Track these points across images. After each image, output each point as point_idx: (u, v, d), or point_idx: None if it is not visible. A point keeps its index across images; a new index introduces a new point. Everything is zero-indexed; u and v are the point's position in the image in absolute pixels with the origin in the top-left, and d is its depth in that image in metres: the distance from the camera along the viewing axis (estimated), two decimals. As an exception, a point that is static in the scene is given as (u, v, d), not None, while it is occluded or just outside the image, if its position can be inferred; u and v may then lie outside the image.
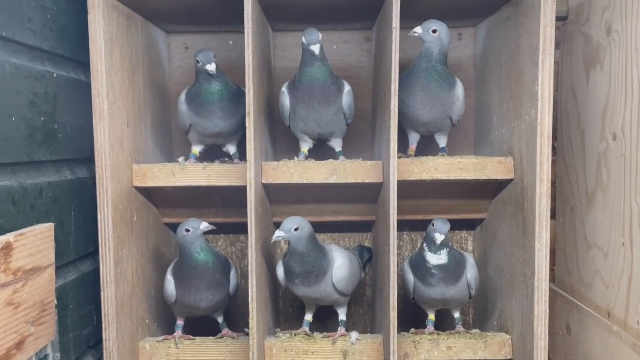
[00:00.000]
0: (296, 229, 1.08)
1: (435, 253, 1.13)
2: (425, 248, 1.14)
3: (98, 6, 0.99)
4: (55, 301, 0.95)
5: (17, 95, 0.88)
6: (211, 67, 1.11)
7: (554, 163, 1.30)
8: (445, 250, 1.13)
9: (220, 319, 1.23)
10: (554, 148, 1.32)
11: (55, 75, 0.99)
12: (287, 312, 1.46)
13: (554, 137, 1.35)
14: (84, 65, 1.07)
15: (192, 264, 1.13)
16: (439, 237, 1.09)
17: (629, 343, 1.03)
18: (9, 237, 0.80)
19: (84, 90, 1.05)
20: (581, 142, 1.25)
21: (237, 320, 1.43)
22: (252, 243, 1.06)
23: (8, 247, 0.79)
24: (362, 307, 1.46)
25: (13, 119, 0.86)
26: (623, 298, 1.06)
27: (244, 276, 1.42)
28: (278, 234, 1.08)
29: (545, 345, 1.04)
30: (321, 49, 1.09)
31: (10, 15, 0.86)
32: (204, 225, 1.13)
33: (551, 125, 1.02)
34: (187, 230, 1.12)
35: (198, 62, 1.12)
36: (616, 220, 1.09)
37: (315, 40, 1.08)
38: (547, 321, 1.04)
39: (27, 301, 0.84)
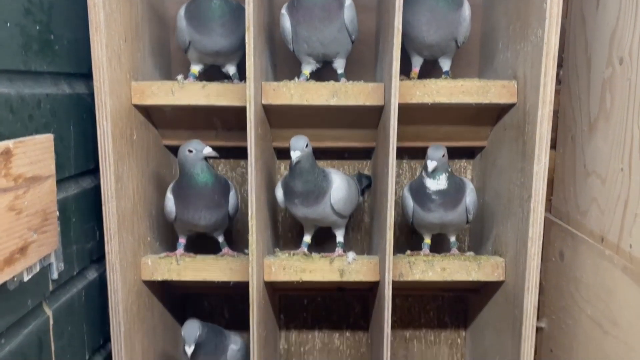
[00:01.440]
0: (307, 146, 1.08)
1: (434, 179, 1.14)
2: (424, 175, 1.15)
3: None
4: (57, 213, 0.97)
5: (11, 1, 0.85)
6: None
7: (557, 93, 1.28)
8: (444, 175, 1.14)
9: (220, 239, 1.25)
10: (557, 77, 1.30)
11: (49, -17, 0.96)
12: (286, 237, 1.48)
13: (560, 66, 1.33)
14: (80, -24, 1.03)
15: (191, 184, 1.13)
16: (431, 165, 1.10)
17: (620, 266, 1.05)
18: (9, 143, 0.80)
19: (80, 4, 1.02)
20: (587, 69, 1.23)
21: (237, 244, 1.46)
22: (252, 162, 1.06)
23: (8, 152, 0.79)
24: (359, 233, 1.49)
25: (8, 24, 0.84)
26: (618, 222, 1.07)
27: (244, 201, 1.43)
28: (295, 154, 1.07)
29: (538, 266, 1.07)
30: None
31: None
32: (207, 151, 1.12)
33: (557, 46, 0.99)
34: (190, 152, 1.12)
35: None
36: (616, 147, 1.09)
37: None
38: (540, 243, 1.06)
39: (29, 208, 0.85)
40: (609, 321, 1.08)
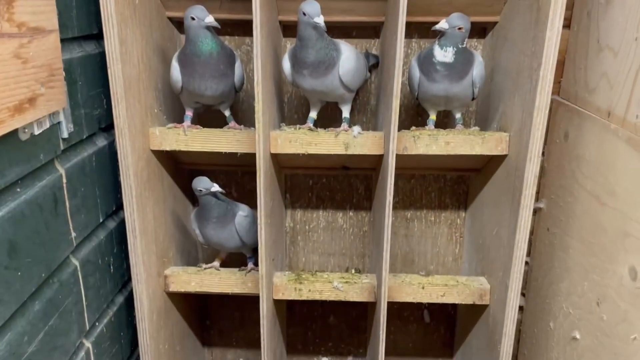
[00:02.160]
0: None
1: (442, 48, 1.12)
2: (435, 43, 1.12)
3: None
4: (64, 73, 0.96)
5: None
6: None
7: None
8: (451, 48, 1.12)
9: (227, 113, 1.26)
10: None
11: None
12: (291, 118, 1.49)
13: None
14: None
15: (196, 52, 1.12)
16: (440, 24, 1.08)
17: (624, 138, 1.05)
18: (9, -12, 0.78)
19: None
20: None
21: (244, 122, 1.47)
22: (257, 25, 1.04)
23: (9, -4, 0.78)
24: (365, 115, 1.49)
25: None
26: (626, 94, 1.06)
27: (250, 81, 1.42)
28: (321, 19, 1.05)
29: (542, 136, 1.07)
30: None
31: None
32: (209, 19, 1.10)
33: None
34: (193, 19, 1.10)
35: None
36: (633, 17, 1.05)
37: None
38: (547, 112, 1.06)
39: (34, 59, 0.85)
40: (607, 192, 1.10)
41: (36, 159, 0.91)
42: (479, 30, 1.37)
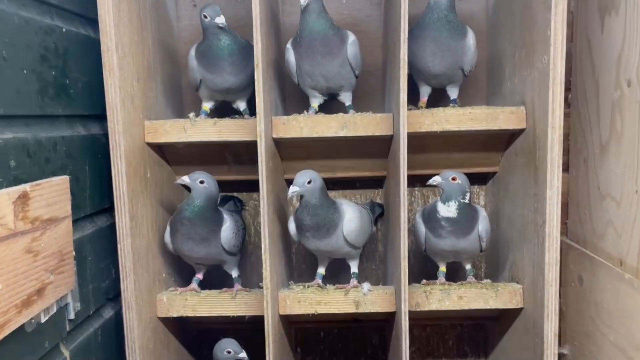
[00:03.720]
0: (309, 182, 1.09)
1: (444, 204, 1.14)
2: (438, 199, 1.15)
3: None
4: (74, 253, 0.98)
5: (28, 49, 0.88)
6: (221, 20, 1.11)
7: (567, 116, 1.28)
8: (454, 202, 1.13)
9: (234, 274, 1.25)
10: (567, 100, 1.30)
11: (64, 30, 1.00)
12: (300, 268, 1.48)
13: (568, 89, 1.33)
14: (93, 22, 1.07)
15: (181, 213, 1.14)
16: (434, 179, 1.11)
17: (640, 290, 1.03)
18: (26, 187, 0.82)
19: (94, 47, 1.06)
20: (595, 91, 1.23)
21: (251, 277, 1.46)
22: (264, 195, 1.07)
23: (25, 196, 0.81)
24: (374, 263, 1.48)
25: (25, 72, 0.87)
26: (635, 245, 1.06)
27: (257, 234, 1.44)
28: (293, 189, 1.08)
29: (556, 292, 1.05)
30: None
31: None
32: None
33: (564, 71, 1.00)
34: (205, 17, 1.11)
35: (206, 17, 1.12)
36: (630, 169, 1.08)
37: None
38: (557, 268, 1.05)
39: (45, 250, 0.87)
40: (633, 347, 1.05)
41: (41, 347, 0.89)
42: (480, 178, 1.40)
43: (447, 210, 1.13)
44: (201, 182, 1.12)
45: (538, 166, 1.07)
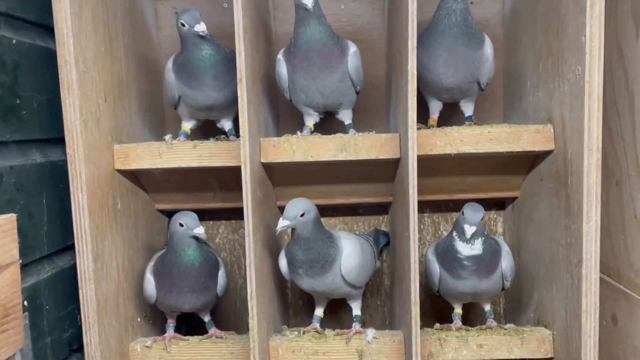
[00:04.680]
0: (302, 215, 0.94)
1: (467, 243, 0.98)
2: (456, 237, 0.99)
3: (60, -41, 0.85)
4: (25, 303, 0.83)
5: (-37, 64, 0.74)
6: (201, 27, 0.96)
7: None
8: (480, 239, 0.97)
9: (207, 318, 1.10)
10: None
11: (15, 41, 0.85)
12: (296, 304, 1.33)
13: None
14: (53, 31, 0.92)
15: (176, 262, 0.99)
16: (469, 230, 0.94)
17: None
18: (-47, 232, 0.67)
19: (54, 60, 0.91)
20: (630, 106, 1.08)
21: (243, 315, 1.31)
22: (250, 232, 0.92)
23: (-49, 244, 0.66)
24: (379, 298, 1.33)
25: (-43, 91, 0.73)
26: (687, 287, 0.90)
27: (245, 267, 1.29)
28: (283, 223, 0.94)
29: (596, 343, 0.89)
30: (315, 2, 0.94)
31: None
32: (199, 231, 0.98)
33: (602, 83, 0.85)
34: (181, 225, 0.98)
35: (183, 25, 0.98)
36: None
37: None
38: (597, 316, 0.89)
39: (-18, 306, 0.72)
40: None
41: None
42: (498, 203, 1.25)
43: (471, 248, 0.97)
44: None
45: (570, 195, 0.92)
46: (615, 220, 1.16)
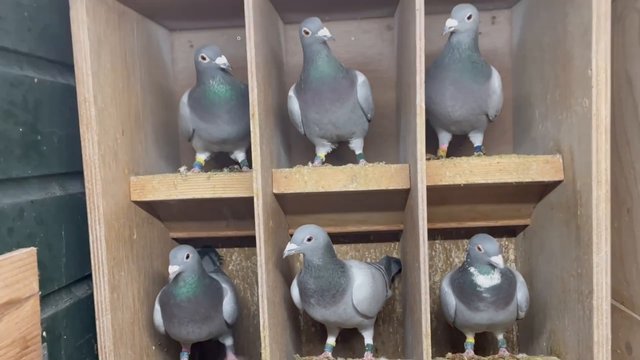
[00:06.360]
0: (309, 239, 0.96)
1: (487, 274, 0.98)
2: (472, 270, 0.98)
3: (81, 1, 0.88)
4: (44, 334, 0.85)
5: (-12, 104, 0.78)
6: (222, 60, 0.99)
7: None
8: (496, 269, 0.97)
9: (228, 342, 1.11)
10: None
11: (36, 80, 0.89)
12: (308, 331, 1.33)
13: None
14: (72, 68, 0.96)
15: (173, 293, 0.99)
16: (500, 260, 0.94)
17: None
18: (-23, 268, 0.70)
19: (73, 95, 0.94)
20: (639, 134, 1.08)
21: (256, 339, 1.32)
22: (262, 263, 0.93)
23: (-25, 280, 0.69)
24: (391, 325, 1.33)
25: (-18, 132, 0.76)
26: (701, 318, 0.89)
27: (256, 304, 1.30)
28: (290, 247, 0.95)
29: (609, 376, 0.89)
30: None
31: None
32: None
33: (609, 116, 0.86)
34: (188, 257, 1.00)
35: (204, 59, 1.00)
36: (688, 226, 0.92)
37: (319, 27, 0.95)
38: (609, 347, 0.89)
39: (3, 339, 0.74)
40: None
41: None
42: (509, 230, 1.25)
43: (490, 279, 0.97)
44: (187, 257, 0.98)
45: (580, 225, 0.92)
46: (628, 249, 1.15)
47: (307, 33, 0.97)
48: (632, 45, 1.09)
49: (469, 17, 0.96)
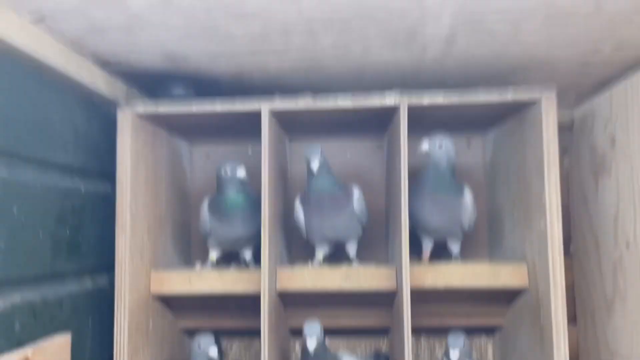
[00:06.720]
0: (321, 331, 1.08)
1: None
2: None
3: (127, 129, 1.07)
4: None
5: (46, 214, 0.93)
6: (241, 173, 1.17)
7: (568, 269, 1.29)
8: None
9: None
10: (568, 251, 1.32)
11: (83, 190, 1.05)
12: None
13: (570, 240, 1.35)
14: (110, 175, 1.12)
15: None
16: (454, 355, 1.07)
17: None
18: (27, 352, 0.82)
19: (109, 201, 1.11)
20: (595, 247, 1.25)
21: None
22: (266, 356, 1.05)
23: (25, 362, 0.80)
24: (380, 416, 1.41)
25: (40, 235, 0.91)
26: (653, 416, 1.01)
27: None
28: (312, 340, 1.06)
29: None
30: (321, 164, 1.15)
31: (44, 137, 0.94)
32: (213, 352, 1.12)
33: (561, 235, 1.03)
34: (199, 347, 1.12)
35: (226, 172, 1.18)
36: (638, 330, 1.06)
37: (314, 156, 1.14)
38: None
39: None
40: None
41: None
42: (488, 329, 1.38)
43: None
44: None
45: (544, 326, 1.06)
46: (592, 349, 1.28)
47: (306, 158, 1.16)
48: (586, 171, 1.29)
49: (440, 146, 1.15)
